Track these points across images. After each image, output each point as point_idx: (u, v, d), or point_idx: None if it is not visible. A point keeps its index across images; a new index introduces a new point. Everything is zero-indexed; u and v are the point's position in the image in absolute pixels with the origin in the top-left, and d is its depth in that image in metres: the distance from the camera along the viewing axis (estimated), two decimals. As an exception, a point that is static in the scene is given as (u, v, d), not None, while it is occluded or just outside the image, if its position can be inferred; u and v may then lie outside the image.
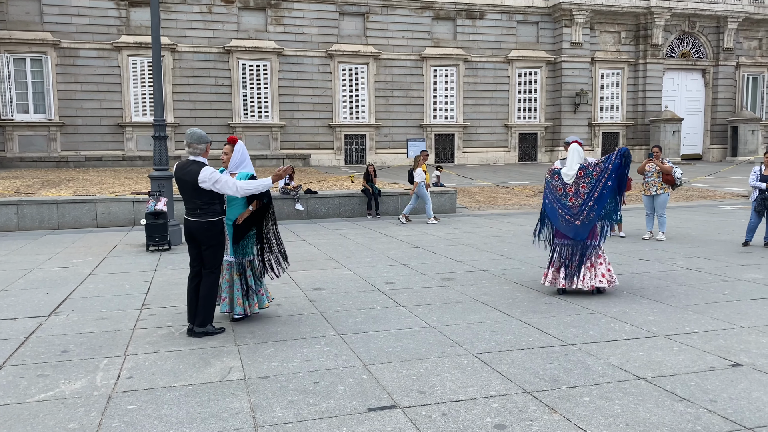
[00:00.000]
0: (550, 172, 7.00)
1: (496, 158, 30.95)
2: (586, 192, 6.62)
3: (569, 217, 6.72)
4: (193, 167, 5.34)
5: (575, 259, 6.72)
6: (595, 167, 6.66)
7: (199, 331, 5.37)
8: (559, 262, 6.85)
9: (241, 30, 27.11)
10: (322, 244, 10.83)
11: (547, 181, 7.01)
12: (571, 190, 6.74)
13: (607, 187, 6.53)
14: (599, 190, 6.55)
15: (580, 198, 6.67)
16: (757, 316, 5.87)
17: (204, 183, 5.27)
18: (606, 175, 6.54)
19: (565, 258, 6.80)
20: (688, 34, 32.93)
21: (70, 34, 25.11)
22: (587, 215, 6.61)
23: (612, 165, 6.53)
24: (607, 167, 6.55)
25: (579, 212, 6.65)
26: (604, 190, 6.53)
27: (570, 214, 6.71)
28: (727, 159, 33.39)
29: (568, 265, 6.76)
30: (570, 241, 6.78)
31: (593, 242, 6.75)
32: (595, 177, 6.60)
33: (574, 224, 6.68)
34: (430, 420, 3.65)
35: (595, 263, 6.71)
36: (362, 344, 5.09)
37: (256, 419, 3.70)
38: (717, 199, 18.72)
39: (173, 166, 5.67)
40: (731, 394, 4.00)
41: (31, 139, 24.96)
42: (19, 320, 5.99)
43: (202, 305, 5.39)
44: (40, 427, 3.63)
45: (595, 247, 6.74)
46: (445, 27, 29.83)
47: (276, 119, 27.67)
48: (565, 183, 6.78)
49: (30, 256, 9.90)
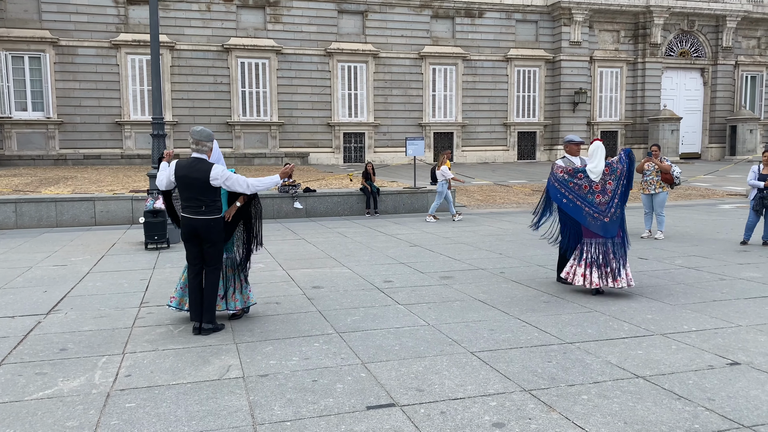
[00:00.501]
0: (571, 170, 6.86)
1: (495, 157, 30.95)
2: (612, 189, 6.67)
3: (597, 215, 6.70)
4: (201, 165, 5.36)
5: (609, 258, 6.65)
6: (617, 164, 6.71)
7: (208, 327, 5.37)
8: (591, 260, 6.74)
9: (239, 28, 27.07)
10: (321, 243, 10.82)
11: (563, 179, 6.87)
12: (597, 188, 6.73)
13: (625, 185, 6.66)
14: (622, 188, 6.66)
15: (607, 195, 6.68)
16: (755, 314, 5.88)
17: (216, 180, 5.31)
18: (626, 173, 6.68)
19: (595, 257, 6.70)
20: (687, 33, 32.94)
21: (69, 32, 25.07)
22: (615, 212, 6.66)
23: (626, 165, 6.67)
24: (624, 166, 6.67)
25: (607, 209, 6.67)
26: (627, 187, 6.66)
27: (598, 212, 6.70)
28: (726, 158, 33.41)
29: (601, 264, 6.68)
30: (601, 239, 6.71)
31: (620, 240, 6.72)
32: (618, 174, 6.67)
33: (603, 221, 6.67)
34: (428, 418, 3.66)
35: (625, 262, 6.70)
36: (361, 342, 5.09)
37: (255, 417, 3.70)
38: (715, 198, 18.74)
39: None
40: (729, 392, 4.01)
41: (30, 137, 24.92)
42: (18, 318, 5.99)
43: (208, 302, 5.40)
44: (38, 425, 3.63)
45: (623, 244, 6.73)
46: (444, 25, 29.81)
47: (275, 118, 27.64)
48: (591, 180, 6.75)
49: (28, 254, 9.89)
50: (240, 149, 27.13)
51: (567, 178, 6.88)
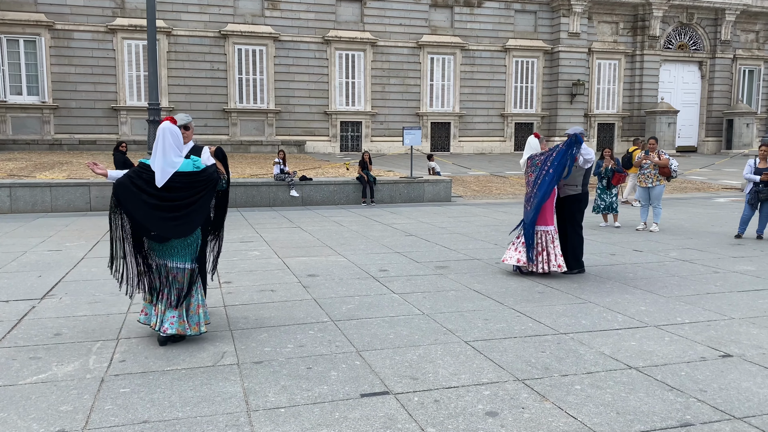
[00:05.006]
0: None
1: (492, 148, 30.93)
2: (533, 180, 7.19)
3: (526, 203, 7.31)
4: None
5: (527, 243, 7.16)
6: (539, 156, 7.18)
7: None
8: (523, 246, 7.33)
9: (237, 14, 26.89)
10: (317, 231, 10.82)
11: None
12: (525, 179, 7.46)
13: (549, 174, 7.01)
14: (541, 177, 7.07)
15: (529, 186, 7.29)
16: (748, 307, 5.91)
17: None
18: (549, 162, 7.02)
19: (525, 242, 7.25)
20: (685, 25, 32.88)
21: (64, 16, 24.86)
22: (533, 200, 7.12)
23: (556, 153, 7.00)
24: (551, 155, 7.04)
25: (528, 198, 7.26)
26: (546, 177, 7.02)
27: (526, 200, 7.31)
28: (722, 152, 33.48)
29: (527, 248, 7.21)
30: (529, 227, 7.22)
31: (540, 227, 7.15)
32: (538, 165, 7.13)
33: (526, 209, 7.25)
34: (422, 406, 3.67)
35: (546, 248, 7.12)
36: (356, 331, 5.10)
37: (249, 403, 3.70)
38: (711, 191, 18.79)
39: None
40: (721, 384, 4.03)
41: (25, 121, 24.77)
42: (12, 303, 5.97)
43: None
44: (32, 408, 3.63)
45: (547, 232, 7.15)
46: (442, 14, 29.68)
47: (272, 105, 27.53)
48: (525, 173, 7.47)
49: (23, 239, 9.86)
50: (236, 136, 27.03)
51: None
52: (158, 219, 4.57)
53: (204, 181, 4.70)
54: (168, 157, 4.57)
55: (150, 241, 4.74)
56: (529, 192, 7.24)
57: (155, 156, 4.58)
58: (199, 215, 4.73)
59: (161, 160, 4.56)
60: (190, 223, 4.66)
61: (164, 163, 4.56)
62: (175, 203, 4.59)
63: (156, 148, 4.59)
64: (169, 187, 4.58)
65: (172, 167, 4.57)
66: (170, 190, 4.58)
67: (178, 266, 4.73)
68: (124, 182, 4.61)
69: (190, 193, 4.64)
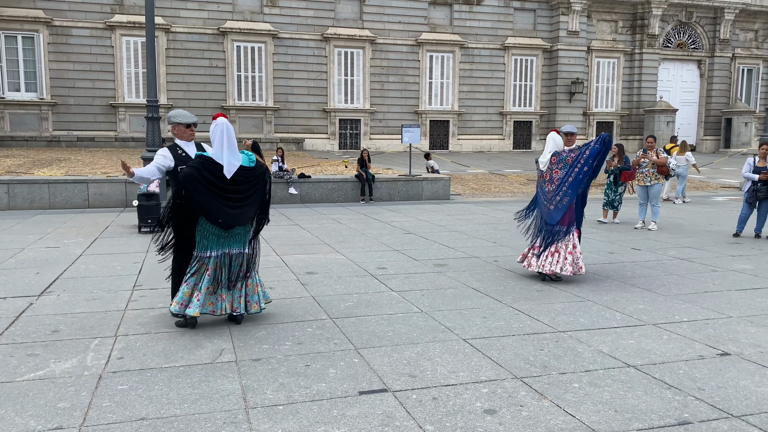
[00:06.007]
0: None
1: (491, 146, 30.93)
2: (560, 177, 6.74)
3: (546, 203, 6.88)
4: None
5: (543, 243, 6.87)
6: (570, 153, 6.76)
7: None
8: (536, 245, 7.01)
9: (236, 11, 26.84)
10: (315, 229, 10.81)
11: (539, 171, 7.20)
12: (546, 177, 6.91)
13: (583, 172, 6.60)
14: (574, 175, 6.63)
15: (554, 183, 6.80)
16: (746, 305, 5.92)
17: None
18: (582, 160, 6.61)
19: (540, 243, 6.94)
20: (684, 24, 32.87)
21: (63, 12, 24.79)
22: (560, 200, 6.73)
23: (590, 150, 6.59)
24: (584, 152, 6.62)
25: (553, 197, 6.79)
26: (579, 175, 6.61)
27: (546, 200, 6.87)
28: (720, 150, 33.50)
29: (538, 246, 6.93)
30: (549, 227, 6.88)
31: (563, 228, 6.80)
32: (569, 162, 6.69)
33: (548, 209, 6.84)
34: (420, 404, 3.67)
35: (559, 249, 6.79)
36: (354, 328, 5.10)
37: (247, 401, 3.70)
38: (709, 190, 18.80)
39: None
40: (719, 382, 4.04)
41: (23, 118, 24.72)
42: (10, 299, 5.96)
43: None
44: (30, 405, 3.62)
45: (566, 233, 6.80)
46: (442, 12, 29.64)
47: (270, 102, 27.50)
48: (542, 170, 6.97)
49: (21, 235, 9.84)
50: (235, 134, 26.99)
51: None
52: (226, 208, 4.95)
53: (260, 175, 5.14)
54: (233, 152, 4.94)
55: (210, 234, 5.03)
56: (553, 190, 6.77)
57: (220, 150, 4.91)
58: (255, 205, 5.20)
59: (228, 154, 4.91)
60: (249, 212, 5.13)
61: (231, 157, 4.92)
62: (238, 195, 4.99)
63: (221, 143, 4.91)
64: (234, 180, 4.95)
65: (237, 161, 4.96)
66: (235, 183, 4.96)
67: (240, 252, 5.14)
68: (193, 174, 4.86)
69: (249, 186, 5.06)
